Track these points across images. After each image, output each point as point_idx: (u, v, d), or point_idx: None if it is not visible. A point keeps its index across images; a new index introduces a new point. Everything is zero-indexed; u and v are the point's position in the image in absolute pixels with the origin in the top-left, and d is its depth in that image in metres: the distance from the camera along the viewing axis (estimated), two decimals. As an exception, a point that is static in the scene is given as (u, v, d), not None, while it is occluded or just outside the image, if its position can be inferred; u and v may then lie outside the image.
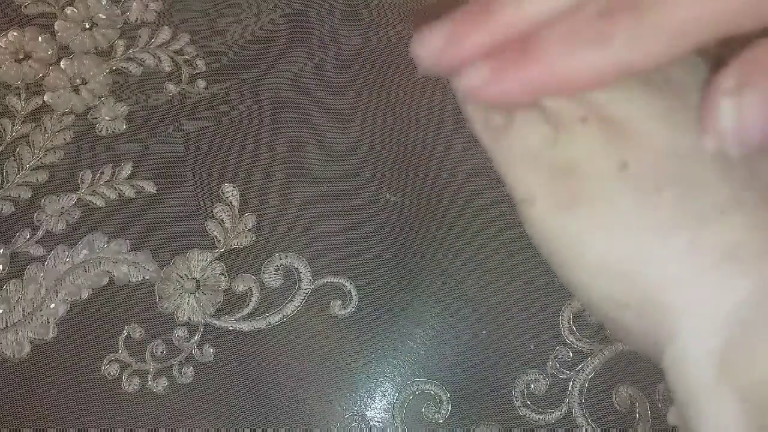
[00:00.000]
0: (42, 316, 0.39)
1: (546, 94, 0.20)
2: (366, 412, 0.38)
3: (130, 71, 0.43)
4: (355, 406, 0.38)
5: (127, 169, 0.41)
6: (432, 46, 0.21)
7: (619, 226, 0.21)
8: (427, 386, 0.38)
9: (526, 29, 0.20)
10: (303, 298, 0.39)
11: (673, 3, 0.18)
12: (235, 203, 0.41)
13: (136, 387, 0.38)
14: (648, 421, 0.37)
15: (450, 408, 0.38)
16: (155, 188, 0.41)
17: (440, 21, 0.21)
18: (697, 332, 0.19)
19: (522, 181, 0.23)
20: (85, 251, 0.40)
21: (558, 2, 0.19)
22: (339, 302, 0.39)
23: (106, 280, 0.39)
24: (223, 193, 0.41)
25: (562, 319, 0.38)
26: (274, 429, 0.37)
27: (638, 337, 0.21)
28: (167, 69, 0.43)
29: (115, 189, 0.41)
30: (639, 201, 0.20)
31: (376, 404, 0.38)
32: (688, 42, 0.18)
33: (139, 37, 0.44)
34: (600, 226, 0.21)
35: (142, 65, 0.43)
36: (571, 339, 0.38)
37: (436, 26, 0.21)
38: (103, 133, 0.42)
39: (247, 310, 0.39)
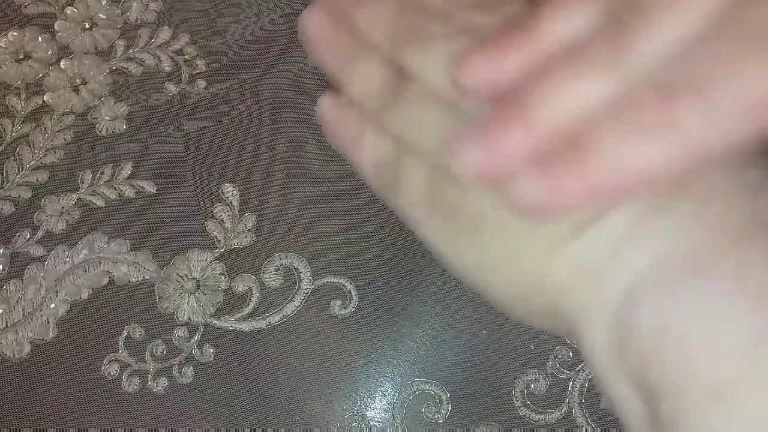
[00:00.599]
0: (42, 316, 0.39)
1: (610, 194, 0.18)
2: (366, 412, 0.38)
3: (130, 71, 0.43)
4: (355, 406, 0.38)
5: (127, 169, 0.41)
6: (470, 159, 0.18)
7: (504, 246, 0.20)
8: (427, 386, 0.38)
9: (572, 125, 0.18)
10: (303, 298, 0.39)
11: (739, 76, 0.16)
12: (235, 203, 0.41)
13: (136, 387, 0.38)
14: (648, 421, 0.37)
15: (450, 408, 0.38)
16: (155, 188, 0.41)
17: (470, 126, 0.19)
18: (592, 331, 0.19)
19: (417, 221, 0.23)
20: (85, 251, 0.40)
21: (604, 92, 0.17)
22: (339, 302, 0.39)
23: (106, 280, 0.39)
24: (223, 193, 0.41)
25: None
26: (274, 429, 0.37)
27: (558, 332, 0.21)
28: (167, 69, 0.43)
29: (115, 189, 0.41)
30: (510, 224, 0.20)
31: (376, 404, 0.38)
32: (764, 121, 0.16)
33: (139, 37, 0.44)
34: (490, 255, 0.21)
35: (142, 65, 0.43)
36: (571, 339, 0.38)
37: (467, 133, 0.19)
38: (103, 133, 0.42)
39: (247, 310, 0.39)
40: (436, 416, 0.37)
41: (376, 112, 0.23)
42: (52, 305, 0.39)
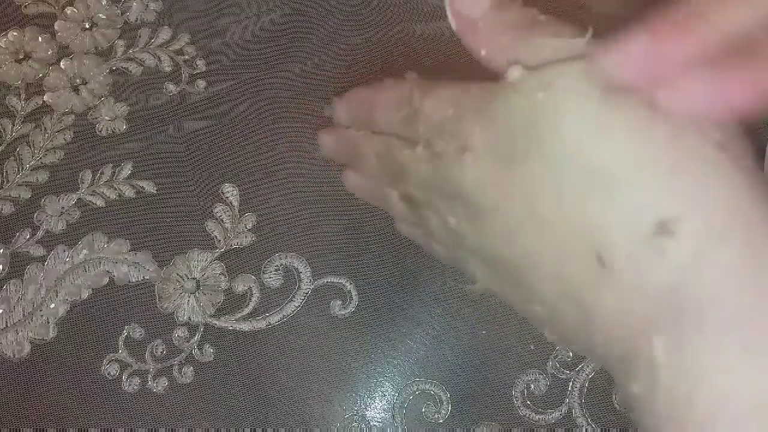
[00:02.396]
0: (42, 316, 0.39)
1: None
2: (366, 412, 0.38)
3: (130, 71, 0.43)
4: (355, 406, 0.38)
5: (127, 169, 0.41)
6: (629, 61, 0.18)
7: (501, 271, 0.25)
8: (427, 386, 0.38)
9: (741, 34, 0.17)
10: (303, 298, 0.39)
11: None
12: (235, 203, 0.41)
13: (136, 387, 0.38)
14: (648, 421, 0.37)
15: (450, 408, 0.38)
16: (155, 188, 0.41)
17: (632, 31, 0.18)
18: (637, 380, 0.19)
19: (449, 259, 0.29)
20: (85, 251, 0.40)
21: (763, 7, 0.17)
22: (339, 302, 0.39)
23: (106, 280, 0.39)
24: (223, 193, 0.41)
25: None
26: (274, 429, 0.37)
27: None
28: (167, 69, 0.43)
29: (115, 189, 0.41)
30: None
31: (376, 404, 0.38)
32: None
33: (139, 37, 0.44)
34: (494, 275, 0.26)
35: (142, 65, 0.43)
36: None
37: (630, 37, 0.18)
38: (103, 133, 0.42)
39: (247, 310, 0.39)
40: (436, 416, 0.38)
41: (387, 182, 0.29)
42: (52, 305, 0.39)
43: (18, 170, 0.41)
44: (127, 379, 0.38)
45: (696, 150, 0.18)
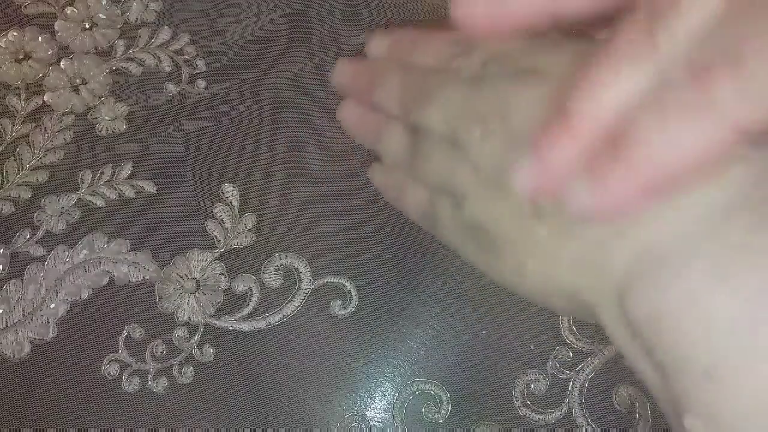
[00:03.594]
0: (42, 316, 0.39)
1: (659, 188, 0.18)
2: (366, 412, 0.38)
3: (130, 71, 0.43)
4: (355, 406, 0.38)
5: (127, 169, 0.41)
6: (526, 179, 0.20)
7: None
8: (427, 386, 0.38)
9: (614, 123, 0.18)
10: (303, 298, 0.39)
11: None
12: (235, 203, 0.41)
13: (136, 387, 0.38)
14: (648, 421, 0.37)
15: (450, 408, 0.38)
16: (155, 188, 0.41)
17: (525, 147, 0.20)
18: (606, 318, 0.21)
19: (460, 250, 0.26)
20: (85, 251, 0.40)
21: (641, 82, 0.17)
22: (339, 302, 0.39)
23: (106, 280, 0.39)
24: (223, 193, 0.41)
25: (562, 320, 0.38)
26: (273, 429, 0.37)
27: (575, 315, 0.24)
28: (167, 69, 0.43)
29: (115, 189, 0.41)
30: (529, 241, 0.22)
31: (376, 404, 0.38)
32: None
33: (139, 37, 0.43)
34: (512, 267, 0.23)
35: (142, 65, 0.43)
36: (571, 339, 0.38)
37: (521, 156, 0.20)
38: (103, 133, 0.42)
39: (247, 310, 0.39)
40: (436, 416, 0.37)
41: (407, 169, 0.27)
42: (52, 305, 0.39)
43: (18, 170, 0.41)
44: (127, 379, 0.38)
45: None
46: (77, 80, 0.43)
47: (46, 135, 0.42)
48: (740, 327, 0.17)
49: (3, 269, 0.40)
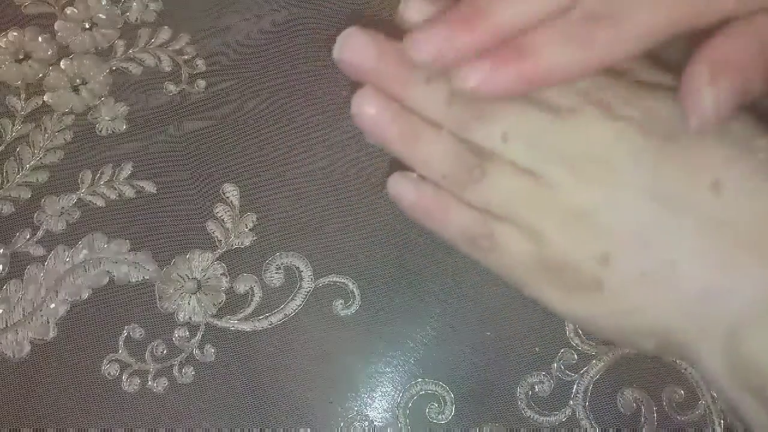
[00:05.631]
0: (42, 316, 0.39)
1: (537, 86, 0.23)
2: (369, 413, 0.37)
3: (130, 71, 0.43)
4: (357, 407, 0.37)
5: (127, 169, 0.41)
6: (425, 44, 0.22)
7: (616, 305, 0.24)
8: (431, 386, 0.38)
9: (515, 31, 0.22)
10: (304, 297, 0.39)
11: (644, 9, 0.21)
12: (236, 203, 0.40)
13: (136, 387, 0.38)
14: (653, 424, 0.36)
15: (454, 408, 0.37)
16: (155, 188, 0.41)
17: (432, 22, 0.22)
18: (709, 361, 0.22)
19: (522, 282, 0.25)
20: (85, 251, 0.40)
21: (543, 7, 0.22)
22: (341, 302, 0.39)
23: (106, 280, 0.39)
24: (223, 193, 0.41)
25: (567, 322, 0.38)
26: (272, 429, 0.37)
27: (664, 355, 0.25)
28: (167, 69, 0.43)
29: (115, 189, 0.41)
30: (626, 285, 0.23)
31: (379, 405, 0.37)
32: (654, 40, 0.22)
33: (139, 37, 0.44)
34: (603, 307, 0.23)
35: (142, 65, 0.43)
36: (576, 342, 0.38)
37: (428, 25, 0.22)
38: (103, 133, 0.42)
39: (249, 310, 0.39)
40: (440, 417, 0.37)
41: (459, 188, 0.26)
42: (52, 305, 0.39)
43: (18, 170, 0.41)
44: (127, 379, 0.38)
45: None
46: (77, 80, 0.43)
47: (46, 135, 0.42)
48: None
49: (3, 269, 0.40)
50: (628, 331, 0.24)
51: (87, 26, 0.43)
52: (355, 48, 0.25)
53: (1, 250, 0.40)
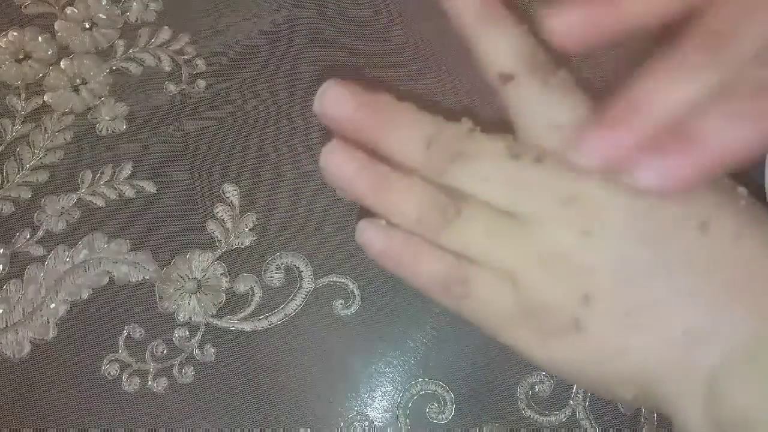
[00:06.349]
0: (42, 316, 0.39)
1: (713, 172, 0.21)
2: (369, 413, 0.37)
3: (130, 71, 0.43)
4: (357, 407, 0.37)
5: (127, 169, 0.41)
6: (592, 150, 0.22)
7: (597, 349, 0.23)
8: (431, 386, 0.38)
9: (674, 117, 0.21)
10: (305, 297, 0.39)
11: None
12: (236, 203, 0.40)
13: (136, 387, 0.38)
14: (653, 424, 0.36)
15: (454, 408, 0.37)
16: (155, 188, 0.41)
17: (589, 126, 0.22)
18: (686, 413, 0.22)
19: (498, 329, 0.25)
20: (85, 251, 0.40)
21: (698, 87, 0.21)
22: (341, 301, 0.39)
23: (106, 280, 0.39)
24: (223, 193, 0.41)
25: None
26: (272, 429, 0.37)
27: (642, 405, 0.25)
28: (167, 69, 0.43)
29: (115, 189, 0.41)
30: (607, 326, 0.23)
31: (380, 405, 0.37)
32: None
33: (139, 37, 0.44)
34: (584, 352, 0.23)
35: (142, 65, 0.43)
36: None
37: (588, 132, 0.22)
38: (103, 133, 0.42)
39: (249, 310, 0.39)
40: (440, 416, 0.37)
41: (434, 232, 0.25)
42: (52, 305, 0.39)
43: (18, 170, 0.41)
44: (127, 379, 0.38)
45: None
46: (77, 80, 0.43)
47: (46, 135, 0.42)
48: None
49: (3, 269, 0.40)
50: (608, 378, 0.24)
51: (87, 26, 0.43)
52: (333, 100, 0.25)
53: (1, 250, 0.40)
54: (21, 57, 0.43)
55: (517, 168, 0.24)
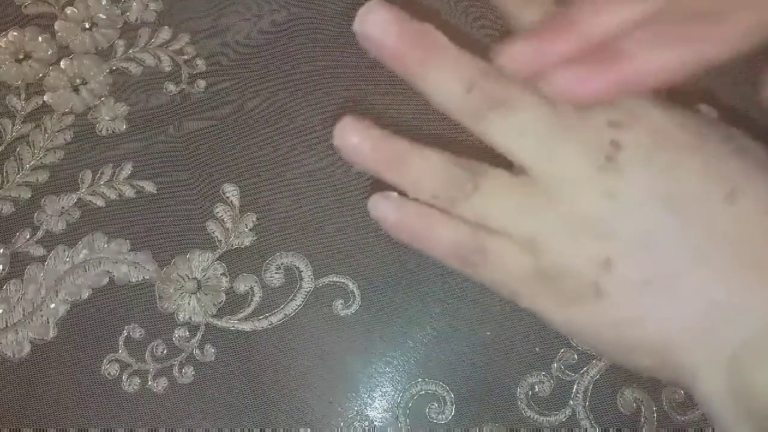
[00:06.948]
0: (42, 316, 0.39)
1: (632, 89, 0.23)
2: (369, 413, 0.37)
3: (130, 71, 0.43)
4: (357, 407, 0.37)
5: (127, 169, 0.41)
6: (519, 56, 0.22)
7: (615, 314, 0.23)
8: (431, 386, 0.38)
9: (605, 37, 0.22)
10: (305, 297, 0.39)
11: (745, 9, 0.21)
12: (236, 203, 0.40)
13: (136, 387, 0.38)
14: (653, 424, 0.36)
15: (454, 408, 0.37)
16: (155, 188, 0.41)
17: (523, 33, 0.23)
18: (708, 384, 0.22)
19: (517, 294, 0.25)
20: (85, 251, 0.40)
21: (634, 13, 0.22)
22: (341, 302, 0.39)
23: (106, 280, 0.39)
24: (223, 193, 0.41)
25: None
26: (272, 429, 0.37)
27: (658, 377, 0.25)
28: (167, 69, 0.43)
29: (115, 189, 0.41)
30: (627, 293, 0.23)
31: (379, 405, 0.37)
32: (754, 40, 0.22)
33: (139, 37, 0.44)
34: (602, 317, 0.22)
35: (142, 65, 0.43)
36: (576, 341, 0.38)
37: (521, 38, 0.23)
38: (103, 133, 0.42)
39: (248, 310, 0.39)
40: (440, 417, 0.37)
41: (450, 204, 0.25)
42: (52, 305, 0.39)
43: (18, 170, 0.41)
44: (127, 379, 0.38)
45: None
46: (77, 80, 0.43)
47: (46, 135, 0.42)
48: None
49: (3, 269, 0.40)
50: (627, 345, 0.23)
51: (87, 26, 0.43)
52: (377, 23, 0.24)
53: (1, 250, 0.40)
54: (21, 57, 0.43)
55: (558, 123, 0.23)
